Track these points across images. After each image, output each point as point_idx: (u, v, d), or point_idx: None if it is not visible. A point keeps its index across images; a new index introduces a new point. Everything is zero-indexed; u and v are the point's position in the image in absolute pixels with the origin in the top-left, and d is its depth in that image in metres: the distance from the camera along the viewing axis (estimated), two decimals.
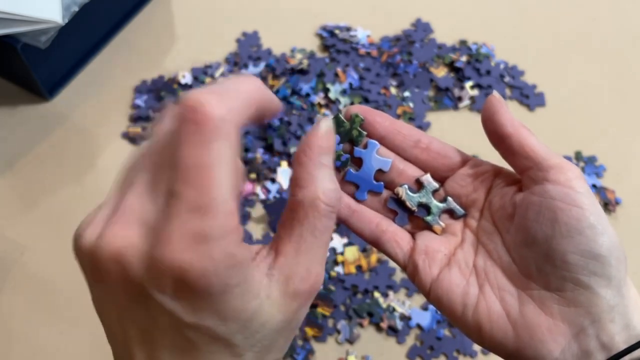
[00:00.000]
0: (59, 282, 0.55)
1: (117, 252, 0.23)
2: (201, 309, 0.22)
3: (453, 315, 0.31)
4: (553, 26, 0.74)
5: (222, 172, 0.22)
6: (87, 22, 0.64)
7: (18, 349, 0.52)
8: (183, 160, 0.22)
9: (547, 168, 0.29)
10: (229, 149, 0.23)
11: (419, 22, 0.73)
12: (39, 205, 0.59)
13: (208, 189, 0.21)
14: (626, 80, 0.70)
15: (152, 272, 0.22)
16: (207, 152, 0.22)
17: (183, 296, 0.22)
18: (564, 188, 0.28)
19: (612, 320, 0.28)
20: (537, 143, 0.30)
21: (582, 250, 0.28)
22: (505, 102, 0.31)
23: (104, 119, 0.64)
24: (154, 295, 0.22)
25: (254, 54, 0.69)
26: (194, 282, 0.21)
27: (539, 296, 0.29)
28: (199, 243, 0.21)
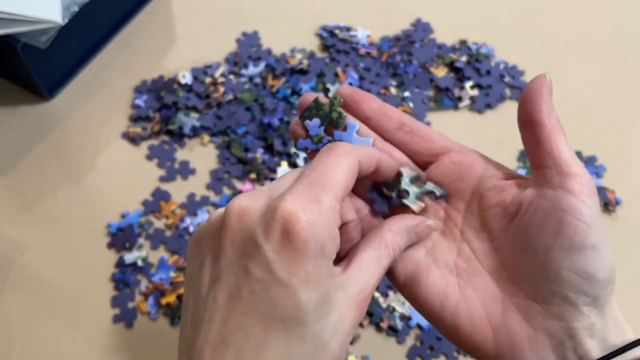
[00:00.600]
0: (59, 282, 0.55)
1: (242, 207, 0.26)
2: (295, 265, 0.25)
3: (429, 314, 0.31)
4: (553, 26, 0.74)
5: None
6: (87, 22, 0.64)
7: (18, 349, 0.52)
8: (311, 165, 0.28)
9: (566, 174, 0.28)
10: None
11: (419, 22, 0.73)
12: (39, 205, 0.59)
13: (329, 174, 0.27)
14: (626, 80, 0.70)
15: (265, 219, 0.26)
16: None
17: (284, 247, 0.25)
18: (577, 201, 0.27)
19: (591, 336, 0.27)
20: (566, 144, 0.29)
21: (578, 268, 0.27)
22: (551, 89, 0.30)
23: (104, 119, 0.64)
24: (259, 243, 0.25)
25: (254, 54, 0.69)
26: (299, 232, 0.25)
27: (523, 305, 0.29)
28: (312, 202, 0.26)
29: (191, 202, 0.59)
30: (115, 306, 0.54)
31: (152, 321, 0.53)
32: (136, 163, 0.62)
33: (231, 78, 0.67)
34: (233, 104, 0.65)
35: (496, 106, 0.67)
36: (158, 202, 0.59)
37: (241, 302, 0.25)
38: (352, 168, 0.28)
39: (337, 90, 0.33)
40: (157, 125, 0.63)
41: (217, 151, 0.62)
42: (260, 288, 0.25)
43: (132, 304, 0.54)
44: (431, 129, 0.33)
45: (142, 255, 0.56)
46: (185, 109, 0.64)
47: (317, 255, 0.25)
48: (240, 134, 0.63)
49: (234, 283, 0.26)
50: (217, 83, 0.66)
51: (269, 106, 0.64)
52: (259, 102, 0.65)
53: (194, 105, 0.64)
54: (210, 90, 0.65)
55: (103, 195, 0.60)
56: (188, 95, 0.65)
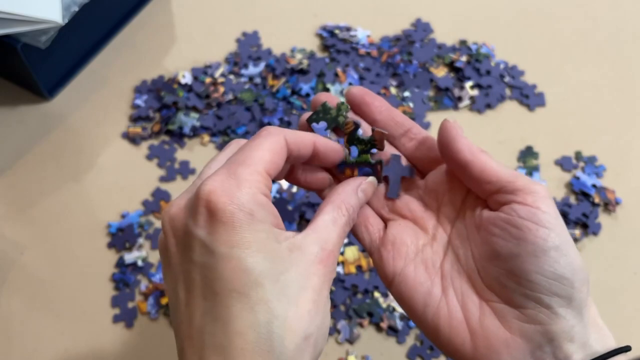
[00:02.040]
0: (59, 282, 0.55)
1: (170, 212, 0.28)
2: (230, 237, 0.26)
3: (412, 313, 0.32)
4: (553, 26, 0.74)
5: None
6: (87, 22, 0.64)
7: (18, 349, 0.52)
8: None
9: (513, 190, 0.29)
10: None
11: (419, 22, 0.73)
12: (39, 205, 0.59)
13: (249, 153, 0.28)
14: (626, 80, 0.70)
15: (191, 208, 0.27)
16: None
17: (214, 225, 0.26)
18: (532, 208, 0.28)
19: (570, 340, 0.28)
20: (499, 166, 0.30)
21: (546, 270, 0.28)
22: (460, 128, 0.31)
23: (104, 119, 0.64)
24: (192, 231, 0.26)
25: (254, 54, 0.69)
26: (222, 206, 0.26)
27: (499, 309, 0.29)
28: (230, 178, 0.27)
29: None
30: (115, 306, 0.54)
31: (152, 321, 0.53)
32: (136, 163, 0.62)
33: (231, 78, 0.67)
34: (233, 104, 0.65)
35: (496, 106, 0.67)
36: (158, 202, 0.59)
37: (197, 290, 0.26)
38: (274, 146, 0.29)
39: (348, 90, 0.35)
40: (157, 125, 0.63)
41: (217, 151, 0.62)
42: (207, 271, 0.26)
43: (132, 304, 0.54)
44: (433, 138, 0.34)
45: (142, 255, 0.56)
46: (185, 109, 0.64)
47: (248, 221, 0.26)
48: (240, 134, 0.63)
49: (187, 277, 0.27)
50: (217, 83, 0.66)
51: (269, 106, 0.64)
52: (259, 102, 0.65)
53: (194, 105, 0.64)
54: (210, 90, 0.65)
55: (103, 195, 0.60)
56: (188, 95, 0.65)
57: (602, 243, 0.58)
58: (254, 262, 0.26)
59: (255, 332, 0.25)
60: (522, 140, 0.64)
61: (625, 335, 0.53)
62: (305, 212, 0.57)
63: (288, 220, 0.57)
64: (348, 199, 0.31)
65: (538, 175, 0.62)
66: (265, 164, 0.28)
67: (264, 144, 0.28)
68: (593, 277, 0.57)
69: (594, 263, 0.57)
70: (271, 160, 0.28)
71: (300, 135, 0.30)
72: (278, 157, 0.29)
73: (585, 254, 0.57)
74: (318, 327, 0.27)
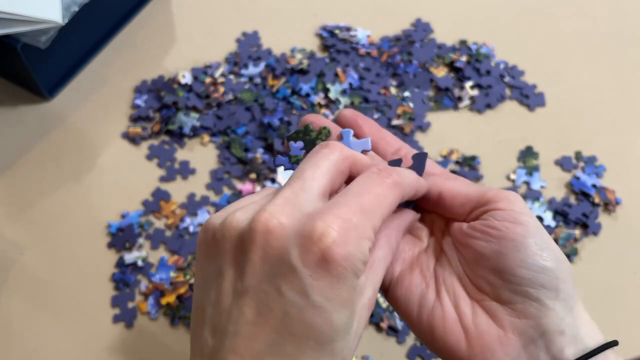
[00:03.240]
0: (59, 282, 0.55)
1: (274, 225, 0.25)
2: (331, 291, 0.25)
3: (408, 316, 0.32)
4: (553, 26, 0.74)
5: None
6: (87, 22, 0.64)
7: (18, 349, 0.52)
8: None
9: (486, 202, 0.31)
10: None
11: (419, 22, 0.73)
12: (39, 205, 0.59)
13: (375, 204, 0.27)
14: (626, 80, 0.70)
15: (301, 240, 0.25)
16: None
17: (322, 274, 0.25)
18: (506, 211, 0.30)
19: (562, 333, 0.28)
20: (464, 185, 0.32)
21: (529, 263, 0.29)
22: (420, 167, 0.33)
23: (104, 119, 0.64)
24: (295, 266, 0.25)
25: (254, 54, 0.69)
26: (339, 261, 0.24)
27: (491, 308, 0.30)
28: (352, 230, 0.25)
29: (191, 202, 0.59)
30: (115, 306, 0.54)
31: (152, 321, 0.53)
32: (136, 163, 0.62)
33: (231, 78, 0.67)
34: (233, 104, 0.65)
35: (496, 106, 0.67)
36: (158, 202, 0.59)
37: (273, 321, 0.25)
38: (396, 201, 0.28)
39: (340, 113, 0.36)
40: (157, 125, 0.63)
41: (217, 151, 0.62)
42: (295, 311, 0.25)
43: (132, 304, 0.54)
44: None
45: (142, 255, 0.56)
46: (185, 109, 0.64)
47: (352, 279, 0.25)
48: (240, 134, 0.63)
49: (264, 301, 0.25)
50: (217, 83, 0.66)
51: (269, 106, 0.64)
52: (259, 102, 0.65)
53: (194, 105, 0.64)
54: (210, 90, 0.65)
55: (103, 195, 0.60)
56: (188, 95, 0.65)
57: (602, 243, 0.58)
58: (340, 318, 0.25)
59: None
60: (522, 140, 0.64)
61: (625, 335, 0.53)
62: None
63: None
64: (397, 234, 0.31)
65: (538, 175, 0.62)
66: (381, 219, 0.27)
67: (389, 197, 0.28)
68: (593, 277, 0.57)
69: (594, 263, 0.57)
70: (387, 215, 0.28)
71: (413, 187, 0.30)
72: (392, 210, 0.28)
73: (585, 254, 0.57)
74: None
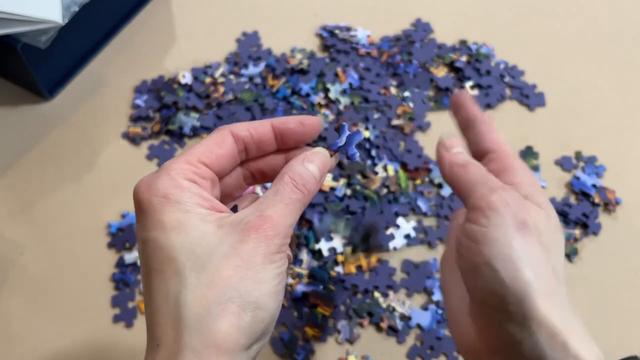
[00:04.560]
0: (59, 282, 0.55)
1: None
2: (148, 222, 0.28)
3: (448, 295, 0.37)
4: (553, 26, 0.74)
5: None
6: (87, 22, 0.64)
7: (18, 349, 0.52)
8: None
9: (471, 207, 0.33)
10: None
11: (419, 22, 0.73)
12: (39, 205, 0.59)
13: (188, 150, 0.31)
14: (626, 80, 0.70)
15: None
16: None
17: (138, 214, 0.29)
18: (473, 225, 0.32)
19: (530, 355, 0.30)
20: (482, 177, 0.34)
21: (478, 286, 0.31)
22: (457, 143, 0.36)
23: (104, 119, 0.64)
24: (134, 224, 0.31)
25: (254, 54, 0.69)
26: (137, 196, 0.29)
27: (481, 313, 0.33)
28: (154, 173, 0.29)
29: None
30: (115, 306, 0.54)
31: None
32: (136, 163, 0.62)
33: (231, 78, 0.67)
34: (233, 104, 0.65)
35: (496, 106, 0.67)
36: None
37: (141, 275, 0.30)
38: (214, 138, 0.31)
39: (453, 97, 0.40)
40: (157, 125, 0.63)
41: None
42: (140, 256, 0.29)
43: (132, 304, 0.54)
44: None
45: None
46: (185, 109, 0.64)
47: (162, 205, 0.28)
48: None
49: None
50: (217, 83, 0.66)
51: (269, 106, 0.64)
52: (259, 102, 0.65)
53: (194, 105, 0.64)
54: (210, 90, 0.65)
55: (103, 195, 0.60)
56: (188, 95, 0.65)
57: (602, 243, 0.58)
58: (167, 240, 0.27)
59: (167, 303, 0.26)
60: (522, 140, 0.64)
61: (625, 335, 0.53)
62: (306, 212, 0.57)
63: None
64: (291, 170, 0.31)
65: (538, 175, 0.62)
66: (197, 154, 0.30)
67: (206, 139, 0.31)
68: (593, 277, 0.57)
69: (594, 263, 0.57)
70: (206, 150, 0.30)
71: (255, 122, 0.32)
72: (216, 146, 0.31)
73: (585, 254, 0.57)
74: (242, 293, 0.27)
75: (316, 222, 0.57)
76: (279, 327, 0.52)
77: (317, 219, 0.57)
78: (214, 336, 0.26)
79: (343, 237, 0.56)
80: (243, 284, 0.27)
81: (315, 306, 0.53)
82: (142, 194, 0.29)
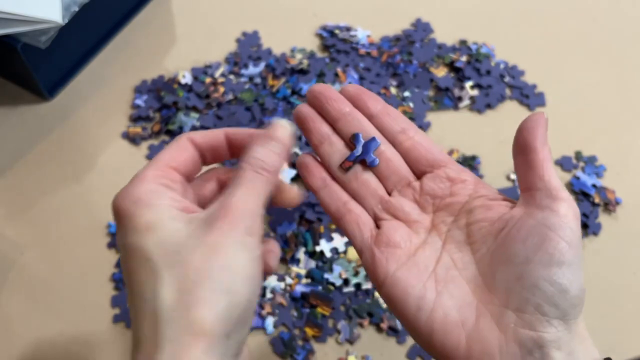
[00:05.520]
0: (59, 282, 0.55)
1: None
2: (125, 228, 0.29)
3: (403, 315, 0.32)
4: (553, 26, 0.74)
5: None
6: (87, 22, 0.64)
7: (18, 349, 0.52)
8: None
9: (554, 197, 0.30)
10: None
11: (419, 22, 0.73)
12: (39, 205, 0.59)
13: (154, 159, 0.33)
14: (626, 80, 0.70)
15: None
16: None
17: (117, 223, 0.30)
18: (562, 222, 0.29)
19: (559, 349, 0.28)
20: (555, 173, 0.31)
21: (554, 281, 0.29)
22: (547, 126, 0.32)
23: (104, 118, 0.64)
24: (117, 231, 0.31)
25: (254, 53, 0.69)
26: (116, 205, 0.30)
27: (498, 312, 0.30)
28: (131, 181, 0.31)
29: None
30: (115, 306, 0.54)
31: None
32: (136, 163, 0.62)
33: (231, 78, 0.67)
34: (233, 104, 0.65)
35: (496, 106, 0.67)
36: None
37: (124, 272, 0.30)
38: (175, 145, 0.33)
39: (343, 88, 0.35)
40: (157, 125, 0.63)
41: None
42: (122, 262, 0.30)
43: None
44: (431, 140, 0.35)
45: None
46: (185, 109, 0.64)
47: (134, 209, 0.29)
48: None
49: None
50: (217, 83, 0.66)
51: (269, 106, 0.64)
52: (259, 102, 0.65)
53: (194, 105, 0.64)
54: (210, 90, 0.65)
55: (103, 195, 0.60)
56: (188, 95, 0.65)
57: (602, 243, 0.58)
58: (141, 241, 0.28)
59: (146, 303, 0.27)
60: None
61: (625, 335, 0.53)
62: (305, 212, 0.57)
63: (288, 220, 0.57)
64: (248, 155, 0.31)
65: None
66: (165, 161, 0.32)
67: (168, 147, 0.33)
68: (593, 277, 0.57)
69: (594, 263, 0.57)
70: (171, 157, 0.32)
71: (210, 131, 0.34)
72: (179, 152, 0.33)
73: (585, 254, 0.57)
74: (213, 280, 0.27)
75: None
76: (279, 327, 0.53)
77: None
78: (190, 324, 0.26)
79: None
80: (213, 271, 0.27)
81: (314, 306, 0.53)
82: (118, 202, 0.30)
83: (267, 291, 0.54)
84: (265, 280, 0.54)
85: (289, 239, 0.56)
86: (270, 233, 0.57)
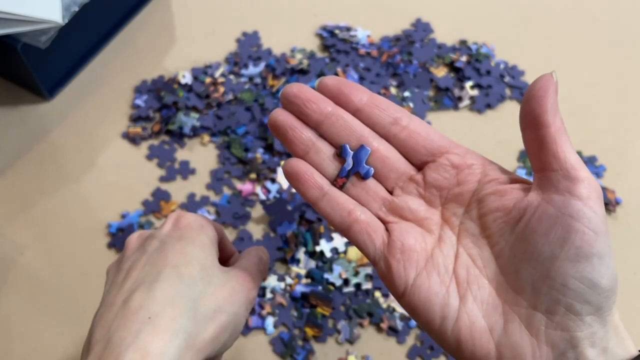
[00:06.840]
0: (59, 282, 0.55)
1: (133, 236, 0.39)
2: (181, 235, 0.36)
3: (429, 326, 0.29)
4: (553, 26, 0.74)
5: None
6: (87, 22, 0.64)
7: (18, 349, 0.52)
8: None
9: (573, 178, 0.27)
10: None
11: (419, 22, 0.73)
12: (39, 205, 0.59)
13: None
14: (626, 80, 0.70)
15: (157, 229, 0.38)
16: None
17: (174, 228, 0.37)
18: (585, 207, 0.26)
19: (592, 345, 0.27)
20: (571, 146, 0.28)
21: (584, 277, 0.26)
22: (557, 89, 0.28)
23: (104, 119, 0.64)
24: (155, 234, 0.37)
25: (254, 53, 0.69)
26: (186, 216, 0.38)
27: (526, 315, 0.28)
28: (209, 220, 0.40)
29: (191, 202, 0.59)
30: None
31: None
32: (136, 163, 0.62)
33: (231, 78, 0.67)
34: (233, 104, 0.65)
35: (496, 106, 0.67)
36: (158, 202, 0.59)
37: (139, 268, 0.35)
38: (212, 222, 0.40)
39: (320, 82, 0.31)
40: (157, 125, 0.63)
41: (217, 151, 0.62)
42: (155, 254, 0.35)
43: None
44: (428, 126, 0.31)
45: None
46: (185, 109, 0.64)
47: (198, 230, 0.37)
48: (240, 134, 0.63)
49: (133, 265, 0.35)
50: (217, 83, 0.66)
51: (269, 106, 0.64)
52: (259, 102, 0.65)
53: (194, 105, 0.64)
54: (210, 90, 0.65)
55: (103, 195, 0.60)
56: (188, 95, 0.65)
57: None
58: (191, 250, 0.35)
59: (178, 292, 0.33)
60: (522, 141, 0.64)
61: None
62: (305, 212, 0.57)
63: (288, 220, 0.57)
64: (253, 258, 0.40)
65: None
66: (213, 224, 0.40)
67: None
68: None
69: None
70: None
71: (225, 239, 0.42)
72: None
73: None
74: (229, 313, 0.34)
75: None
76: (279, 327, 0.53)
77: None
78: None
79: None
80: (229, 307, 0.35)
81: (314, 306, 0.53)
82: (188, 216, 0.38)
83: (267, 291, 0.54)
84: (265, 280, 0.54)
85: (289, 239, 0.56)
86: (270, 233, 0.57)
